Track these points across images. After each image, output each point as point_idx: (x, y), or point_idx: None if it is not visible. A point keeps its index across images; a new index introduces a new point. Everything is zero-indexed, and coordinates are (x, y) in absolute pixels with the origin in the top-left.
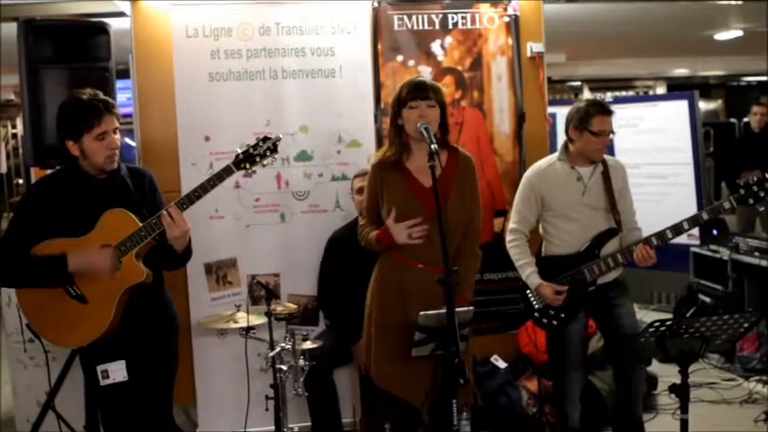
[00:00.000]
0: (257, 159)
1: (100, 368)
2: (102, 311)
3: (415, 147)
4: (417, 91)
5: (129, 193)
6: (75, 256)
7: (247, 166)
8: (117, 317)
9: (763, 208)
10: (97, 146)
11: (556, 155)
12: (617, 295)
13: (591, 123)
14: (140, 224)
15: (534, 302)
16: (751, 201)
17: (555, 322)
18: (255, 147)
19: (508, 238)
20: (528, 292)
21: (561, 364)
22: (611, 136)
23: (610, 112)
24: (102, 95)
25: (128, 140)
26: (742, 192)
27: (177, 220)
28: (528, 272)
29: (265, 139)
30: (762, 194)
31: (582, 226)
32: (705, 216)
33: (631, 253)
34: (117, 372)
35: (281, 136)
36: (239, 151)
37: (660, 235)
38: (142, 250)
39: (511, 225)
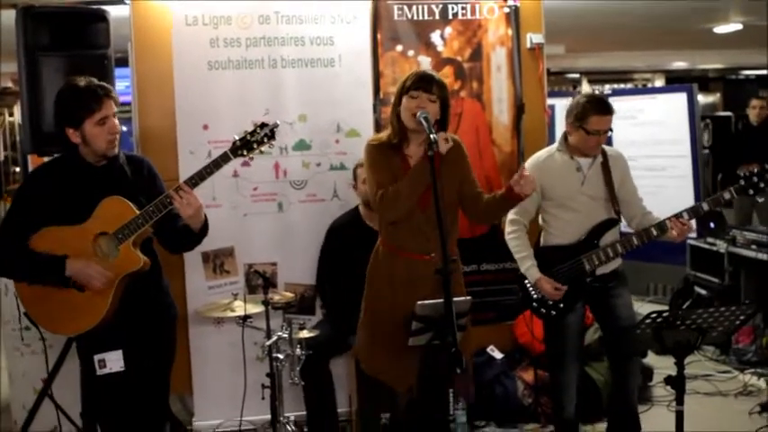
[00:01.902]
0: (255, 146)
1: (97, 357)
2: (100, 300)
3: (412, 137)
4: (421, 82)
5: (128, 180)
6: (74, 262)
7: (245, 153)
8: (114, 305)
9: (762, 199)
10: (98, 131)
11: (555, 145)
12: (615, 286)
13: (587, 122)
14: (138, 212)
15: (533, 292)
16: (751, 191)
17: (553, 312)
18: (253, 133)
19: (507, 229)
20: (526, 281)
21: (558, 355)
22: (609, 133)
23: (608, 112)
24: (97, 81)
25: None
26: (742, 182)
27: (189, 198)
28: (527, 265)
29: (263, 125)
30: (762, 185)
31: (581, 216)
32: (705, 206)
33: (631, 242)
34: (114, 361)
35: (278, 122)
36: (236, 138)
37: (694, 209)
38: (140, 238)
39: (510, 216)
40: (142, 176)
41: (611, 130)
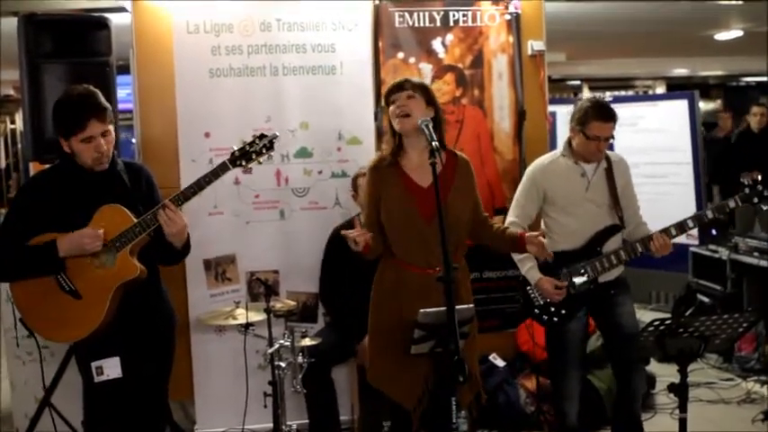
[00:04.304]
0: (253, 157)
1: (94, 365)
2: (96, 307)
3: (408, 146)
4: (394, 87)
5: (126, 188)
6: (63, 240)
7: (243, 164)
8: (110, 313)
9: (766, 207)
10: (84, 147)
11: (559, 150)
12: (618, 293)
13: (587, 126)
14: (135, 220)
15: (535, 299)
16: (755, 200)
17: (555, 319)
18: (252, 144)
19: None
20: (528, 288)
21: (560, 362)
22: (611, 141)
23: (610, 119)
24: (94, 98)
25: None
26: (747, 191)
27: (173, 216)
28: (528, 266)
29: (262, 136)
30: (766, 194)
31: (584, 222)
32: (710, 214)
33: (635, 249)
34: (111, 368)
35: (277, 134)
36: (235, 148)
37: (679, 225)
38: (137, 246)
39: (510, 218)
40: (140, 185)
41: (612, 137)
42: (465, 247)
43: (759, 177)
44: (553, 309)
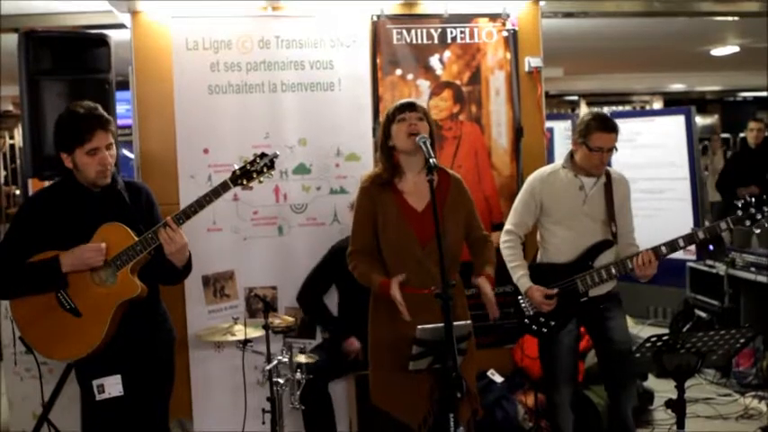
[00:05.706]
0: (254, 176)
1: (95, 383)
2: (96, 326)
3: (406, 166)
4: (404, 107)
5: (126, 206)
6: (66, 256)
7: (244, 183)
8: (110, 331)
9: (759, 230)
10: (88, 161)
11: (560, 162)
12: (609, 308)
13: (589, 138)
14: (136, 238)
15: (525, 309)
16: (748, 222)
17: (544, 330)
18: (252, 163)
19: (503, 238)
20: (519, 298)
21: (551, 374)
22: (614, 152)
23: (611, 129)
24: (99, 110)
25: (125, 152)
26: (739, 213)
27: (174, 235)
28: (519, 274)
29: (263, 155)
30: (759, 216)
31: (578, 235)
32: (701, 235)
33: (626, 265)
34: (113, 386)
35: (278, 153)
36: (236, 167)
37: (670, 244)
38: (137, 265)
39: (507, 226)
40: (140, 203)
41: (615, 148)
42: (459, 263)
43: (757, 191)
44: (542, 319)
